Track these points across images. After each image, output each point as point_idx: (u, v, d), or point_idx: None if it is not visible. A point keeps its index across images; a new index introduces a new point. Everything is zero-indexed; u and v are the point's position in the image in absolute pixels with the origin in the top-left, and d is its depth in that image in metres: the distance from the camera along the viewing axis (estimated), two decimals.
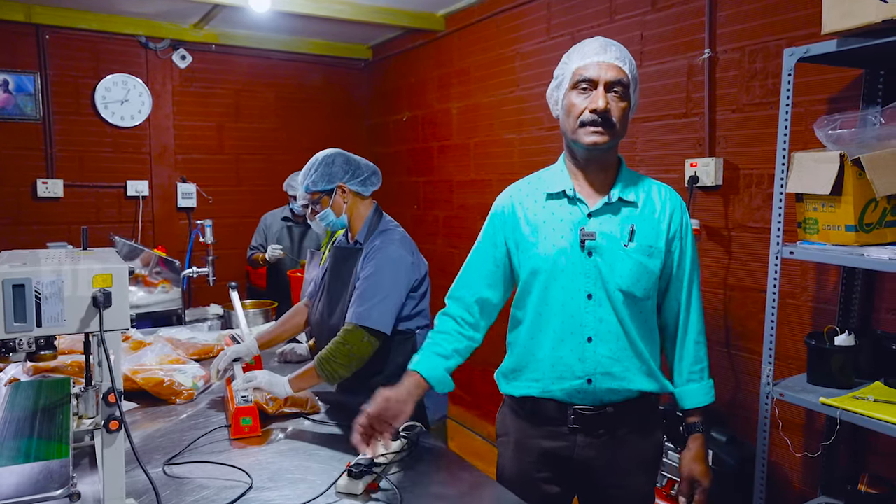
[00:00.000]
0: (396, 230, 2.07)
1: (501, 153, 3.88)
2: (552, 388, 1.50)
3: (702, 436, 1.55)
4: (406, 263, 1.98)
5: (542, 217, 1.52)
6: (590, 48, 1.46)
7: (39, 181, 4.21)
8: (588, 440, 1.50)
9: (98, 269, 1.21)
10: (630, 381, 1.48)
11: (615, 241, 1.47)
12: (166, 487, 1.48)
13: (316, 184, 2.05)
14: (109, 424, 1.23)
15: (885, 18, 1.59)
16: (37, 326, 1.17)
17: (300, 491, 1.46)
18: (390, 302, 1.92)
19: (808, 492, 2.34)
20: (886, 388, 1.93)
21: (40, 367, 2.06)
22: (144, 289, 3.77)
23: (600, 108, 1.41)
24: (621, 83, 1.43)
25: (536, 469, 1.55)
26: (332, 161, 2.07)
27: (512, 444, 1.59)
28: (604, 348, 1.47)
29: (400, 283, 1.95)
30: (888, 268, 1.70)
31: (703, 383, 1.56)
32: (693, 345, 1.56)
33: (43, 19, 4.12)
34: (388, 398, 1.47)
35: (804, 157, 1.89)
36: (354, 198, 2.08)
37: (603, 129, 1.42)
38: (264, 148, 5.01)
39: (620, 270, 1.46)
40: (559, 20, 3.40)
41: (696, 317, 1.56)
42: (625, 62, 1.44)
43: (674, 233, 1.52)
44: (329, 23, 4.35)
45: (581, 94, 1.45)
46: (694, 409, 1.56)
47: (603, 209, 1.49)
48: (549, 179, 1.56)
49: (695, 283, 1.56)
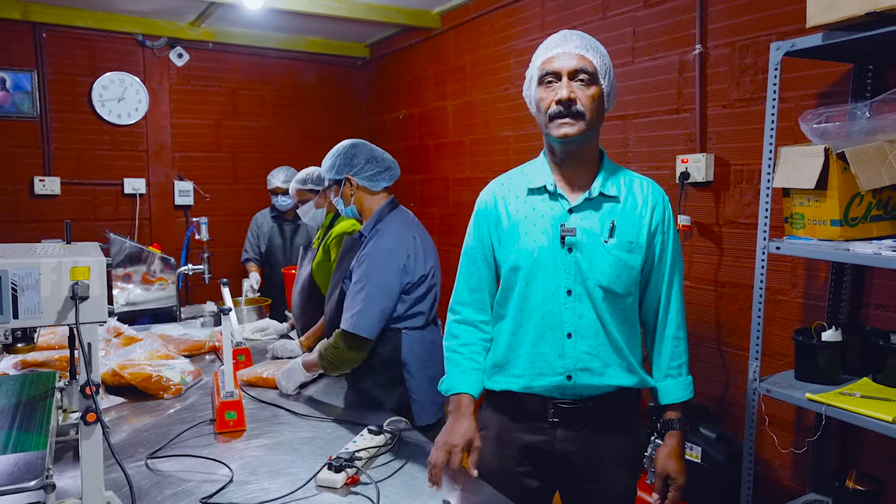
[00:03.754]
0: (395, 229, 2.05)
1: (496, 150, 3.87)
2: (532, 384, 1.50)
3: (679, 432, 1.54)
4: (395, 268, 1.98)
5: (523, 212, 1.52)
6: (551, 41, 1.48)
7: (37, 179, 4.23)
8: (568, 434, 1.50)
9: (75, 262, 1.21)
10: (609, 377, 1.48)
11: (595, 236, 1.46)
12: (148, 481, 1.49)
13: (328, 172, 2.14)
14: (86, 417, 1.24)
15: (867, 11, 1.58)
16: (13, 318, 1.18)
17: (280, 484, 1.46)
18: (376, 307, 1.95)
19: (798, 488, 2.33)
20: (873, 384, 1.92)
21: (28, 362, 2.07)
22: (141, 286, 3.79)
23: (563, 97, 1.41)
24: (585, 70, 1.42)
25: (517, 463, 1.55)
26: (343, 153, 2.12)
27: (492, 439, 1.59)
28: (583, 344, 1.47)
29: (386, 288, 1.97)
30: (873, 262, 1.70)
31: (680, 379, 1.55)
32: (671, 340, 1.55)
33: (40, 17, 4.13)
34: (456, 435, 1.49)
35: (790, 152, 1.89)
36: (362, 191, 2.12)
37: (571, 119, 1.42)
38: (261, 146, 5.02)
39: (600, 266, 1.45)
40: (553, 17, 3.40)
41: (675, 312, 1.55)
42: (587, 49, 1.44)
43: (655, 227, 1.51)
44: (325, 21, 4.36)
45: (547, 87, 1.45)
46: (671, 405, 1.56)
47: (584, 204, 1.48)
48: (531, 174, 1.56)
49: (675, 279, 1.55)
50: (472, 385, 1.55)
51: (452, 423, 1.51)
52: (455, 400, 1.54)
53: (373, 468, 1.56)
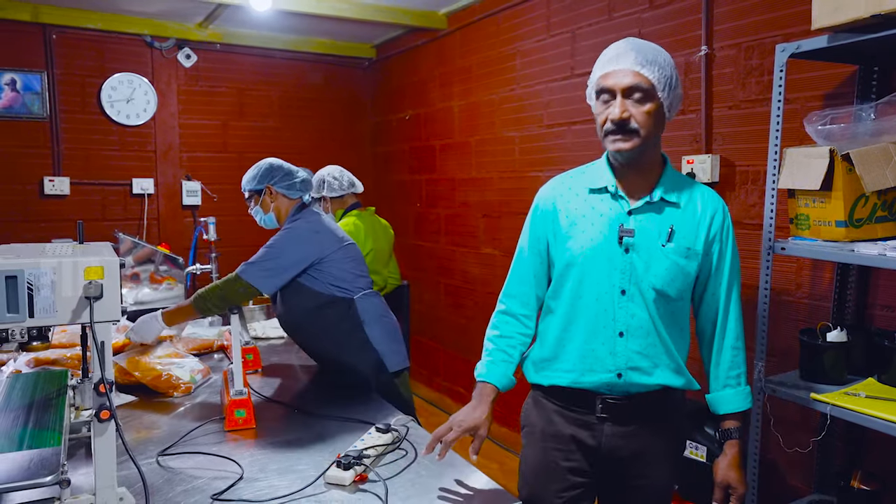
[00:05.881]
0: (310, 217, 2.30)
1: (502, 151, 3.89)
2: (582, 379, 1.52)
3: (738, 442, 1.56)
4: (303, 239, 2.22)
5: (581, 211, 1.54)
6: (608, 54, 1.47)
7: (46, 179, 4.27)
8: (615, 429, 1.52)
9: (89, 262, 1.24)
10: (658, 377, 1.50)
11: (653, 239, 1.48)
12: (159, 477, 1.51)
13: (249, 184, 2.39)
14: (100, 414, 1.26)
15: (873, 13, 1.59)
16: (29, 317, 1.20)
17: (289, 481, 1.49)
18: (273, 265, 2.18)
19: (803, 488, 2.34)
20: (878, 384, 1.93)
21: (41, 360, 2.10)
22: (150, 285, 3.82)
23: (616, 117, 1.42)
24: (640, 87, 1.41)
25: (563, 457, 1.57)
26: (265, 167, 2.39)
27: (538, 434, 1.61)
28: (634, 343, 1.49)
29: (290, 254, 2.19)
30: (878, 263, 1.71)
31: (739, 389, 1.57)
32: (731, 350, 1.56)
33: (49, 19, 4.17)
34: (467, 416, 1.55)
35: (795, 153, 1.90)
36: (281, 198, 2.36)
37: (624, 136, 1.43)
38: (268, 146, 5.03)
39: (656, 269, 1.47)
40: (559, 17, 3.41)
41: (734, 322, 1.56)
42: (643, 65, 1.42)
43: (714, 236, 1.52)
44: (332, 22, 4.38)
45: (604, 104, 1.46)
46: (730, 414, 1.57)
47: (644, 207, 1.50)
48: (592, 175, 1.57)
49: (734, 288, 1.56)
50: (498, 376, 1.60)
51: (471, 406, 1.57)
52: (480, 386, 1.59)
53: (381, 466, 1.58)
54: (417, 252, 4.85)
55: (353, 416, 1.90)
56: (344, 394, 2.13)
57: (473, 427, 1.52)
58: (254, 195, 2.39)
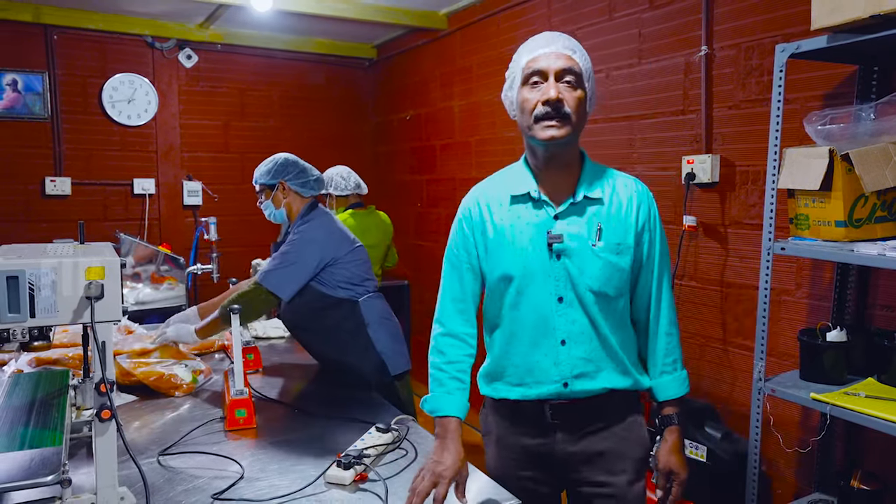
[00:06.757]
0: (322, 217, 2.32)
1: (503, 151, 3.89)
2: (529, 392, 1.50)
3: (677, 427, 1.54)
4: (318, 243, 2.23)
5: (508, 221, 1.49)
6: (536, 42, 1.45)
7: (48, 179, 4.28)
8: (566, 436, 1.51)
9: (90, 262, 1.24)
10: (602, 380, 1.48)
11: (583, 241, 1.44)
12: (160, 477, 1.51)
13: (263, 177, 2.38)
14: (101, 414, 1.26)
15: (872, 14, 1.59)
16: (30, 317, 1.20)
17: (290, 480, 1.49)
18: (292, 271, 2.19)
19: (803, 488, 2.34)
20: (878, 384, 1.93)
21: (42, 360, 2.11)
22: (151, 285, 3.83)
23: (552, 97, 1.37)
24: (572, 72, 1.40)
25: (520, 467, 1.56)
26: (280, 162, 2.38)
27: (493, 443, 1.60)
28: (578, 350, 1.46)
29: (307, 258, 2.21)
30: (878, 263, 1.71)
31: (675, 374, 1.56)
32: (665, 336, 1.55)
33: (51, 20, 4.18)
34: (444, 465, 1.40)
35: (795, 153, 1.90)
36: (293, 195, 2.35)
37: (558, 121, 1.39)
38: (269, 147, 5.00)
39: (590, 271, 1.44)
40: (559, 18, 3.41)
41: (666, 309, 1.54)
42: (574, 51, 1.42)
43: (642, 226, 1.50)
44: (333, 22, 4.39)
45: (532, 88, 1.42)
46: (668, 400, 1.56)
47: (569, 210, 1.46)
48: (512, 181, 1.52)
49: (665, 275, 1.54)
50: (459, 407, 1.50)
51: (440, 449, 1.44)
52: (442, 423, 1.48)
53: (381, 465, 1.58)
54: (418, 252, 4.85)
55: (353, 416, 1.90)
56: (344, 394, 2.13)
57: (456, 473, 1.40)
58: (265, 189, 2.38)
